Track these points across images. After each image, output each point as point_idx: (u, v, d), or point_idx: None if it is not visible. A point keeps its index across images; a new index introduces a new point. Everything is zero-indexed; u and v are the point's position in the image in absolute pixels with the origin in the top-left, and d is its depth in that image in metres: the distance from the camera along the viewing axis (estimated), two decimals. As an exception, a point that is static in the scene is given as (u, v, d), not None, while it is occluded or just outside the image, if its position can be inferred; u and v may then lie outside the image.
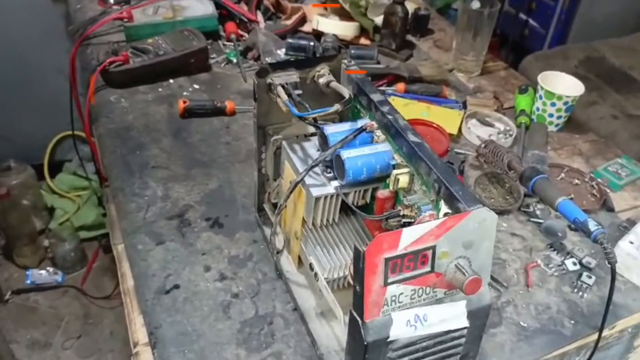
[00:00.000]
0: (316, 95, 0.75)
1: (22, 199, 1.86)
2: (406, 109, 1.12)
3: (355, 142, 0.69)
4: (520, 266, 0.82)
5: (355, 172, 0.66)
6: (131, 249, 0.77)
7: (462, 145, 1.05)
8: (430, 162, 0.61)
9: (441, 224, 0.52)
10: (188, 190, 0.88)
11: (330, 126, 0.71)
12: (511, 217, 0.91)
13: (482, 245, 0.55)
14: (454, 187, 0.57)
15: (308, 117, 0.68)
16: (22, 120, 1.99)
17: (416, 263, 0.52)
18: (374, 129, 0.70)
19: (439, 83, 1.22)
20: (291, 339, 0.68)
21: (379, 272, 0.51)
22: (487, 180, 0.96)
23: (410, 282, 0.53)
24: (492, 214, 0.54)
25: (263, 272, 0.76)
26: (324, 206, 0.70)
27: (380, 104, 0.69)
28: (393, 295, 0.53)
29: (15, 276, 1.82)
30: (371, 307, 0.52)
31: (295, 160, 0.73)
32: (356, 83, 0.74)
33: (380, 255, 0.50)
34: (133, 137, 0.98)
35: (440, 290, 0.55)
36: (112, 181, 0.89)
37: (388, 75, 1.22)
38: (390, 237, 0.50)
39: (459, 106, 1.15)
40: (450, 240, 0.53)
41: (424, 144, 0.63)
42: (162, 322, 0.68)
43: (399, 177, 0.64)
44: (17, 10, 1.82)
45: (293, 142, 0.76)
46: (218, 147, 0.98)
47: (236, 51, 1.25)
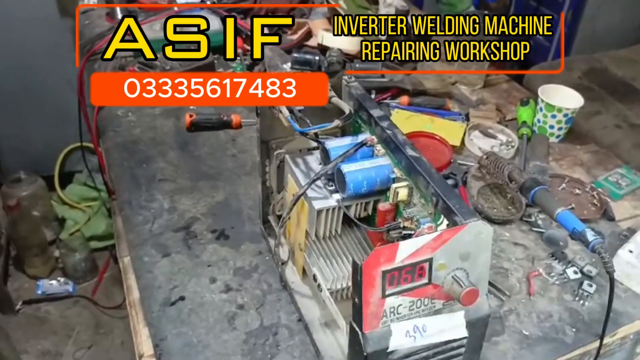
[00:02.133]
0: (318, 111, 0.77)
1: (32, 210, 1.89)
2: (410, 121, 1.14)
3: (356, 156, 0.71)
4: (522, 275, 0.83)
5: (356, 185, 0.68)
6: (137, 261, 0.79)
7: (465, 156, 1.07)
8: (428, 176, 0.62)
9: (437, 237, 0.53)
10: (194, 203, 0.90)
11: (331, 141, 0.72)
12: (513, 227, 0.92)
13: (479, 257, 0.56)
14: (451, 200, 0.59)
15: (309, 132, 0.70)
16: (33, 132, 2.03)
17: (414, 275, 0.54)
18: (374, 143, 0.71)
19: (442, 96, 1.24)
20: (296, 349, 0.70)
21: (376, 285, 0.52)
22: (489, 191, 0.97)
23: (408, 293, 0.54)
24: (487, 226, 0.55)
25: (268, 283, 0.78)
26: (326, 218, 0.71)
27: (380, 119, 0.71)
28: (392, 306, 0.54)
29: (26, 286, 1.85)
30: (370, 319, 0.53)
31: (298, 174, 0.74)
32: (357, 99, 0.75)
33: (378, 268, 0.51)
34: (140, 150, 1.00)
35: (439, 301, 0.57)
36: (119, 194, 0.92)
37: (392, 89, 1.24)
38: (388, 250, 0.52)
39: (462, 118, 1.17)
40: (447, 253, 0.54)
41: (422, 159, 0.65)
42: (168, 333, 0.70)
43: (398, 191, 0.66)
44: (27, 24, 1.86)
45: (296, 156, 0.77)
46: (224, 160, 1.00)
47: (242, 65, 1.27)
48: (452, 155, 1.03)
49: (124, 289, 0.81)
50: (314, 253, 0.74)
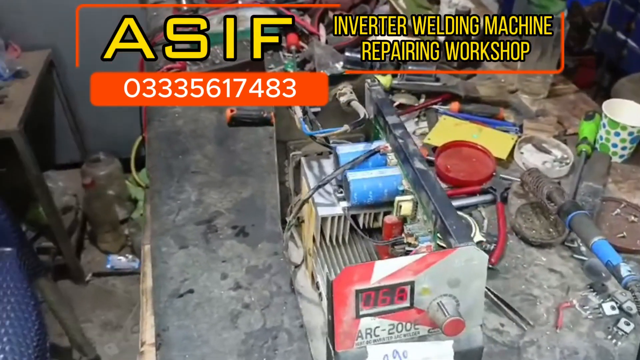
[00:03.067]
0: (338, 113, 0.75)
1: (107, 189, 2.02)
2: (457, 129, 1.08)
3: (368, 164, 0.68)
4: (552, 305, 0.76)
5: (360, 194, 0.65)
6: (155, 250, 0.82)
7: (511, 171, 0.99)
8: (431, 191, 0.58)
9: (420, 260, 0.50)
10: (221, 197, 0.92)
11: (343, 146, 0.70)
12: (552, 252, 0.84)
13: (471, 285, 0.52)
14: (449, 220, 0.55)
15: (318, 135, 0.68)
16: (114, 117, 2.15)
17: (393, 297, 0.51)
18: (388, 151, 0.69)
19: (497, 104, 1.16)
20: (292, 356, 0.69)
21: (349, 304, 0.50)
22: (531, 210, 0.90)
23: (387, 316, 0.51)
24: (480, 253, 0.51)
25: (278, 285, 0.78)
26: (331, 226, 0.70)
27: (394, 126, 0.68)
28: (368, 327, 0.51)
29: (97, 260, 1.98)
30: (343, 338, 0.51)
31: (310, 178, 0.73)
32: (376, 103, 0.73)
33: (351, 287, 0.49)
34: (180, 141, 1.03)
35: (424, 327, 0.53)
36: (152, 183, 0.95)
37: (444, 94, 1.18)
38: (362, 269, 0.49)
39: (515, 130, 1.09)
40: (432, 277, 0.51)
41: (429, 173, 0.61)
42: (170, 325, 0.72)
43: (402, 204, 0.62)
44: (105, 12, 1.96)
45: (312, 159, 0.76)
46: (259, 157, 1.00)
47: (293, 63, 1.27)
48: (494, 168, 0.97)
49: (140, 276, 0.85)
50: (320, 260, 0.72)
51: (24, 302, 1.26)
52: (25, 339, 1.17)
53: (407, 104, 1.16)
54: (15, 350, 1.13)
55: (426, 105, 1.15)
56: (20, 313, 1.23)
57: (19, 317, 1.21)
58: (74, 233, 1.95)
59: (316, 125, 0.71)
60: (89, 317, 1.76)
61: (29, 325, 1.20)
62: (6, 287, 1.28)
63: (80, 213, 2.02)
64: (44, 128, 2.12)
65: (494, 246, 0.82)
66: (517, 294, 0.77)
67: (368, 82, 0.76)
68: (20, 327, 1.19)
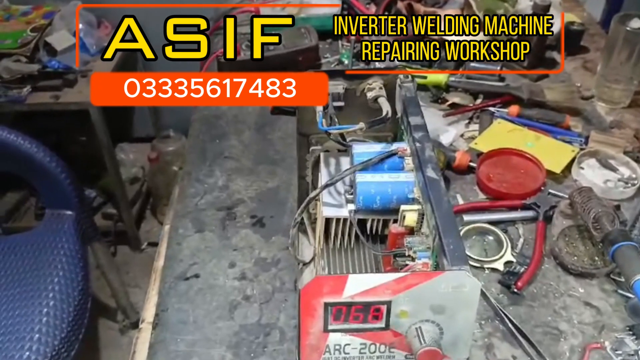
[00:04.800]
0: (365, 109, 0.71)
1: (172, 165, 2.09)
2: (510, 135, 0.99)
3: (383, 166, 0.64)
4: (579, 343, 0.68)
5: (367, 198, 0.61)
6: (173, 231, 0.82)
7: (563, 187, 0.90)
8: (437, 203, 0.53)
9: (400, 279, 0.45)
10: (247, 185, 0.90)
11: (359, 145, 0.66)
12: (593, 283, 0.75)
13: (459, 314, 0.47)
14: (447, 239, 0.49)
15: (333, 132, 0.64)
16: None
17: (367, 315, 0.46)
18: (406, 155, 0.63)
19: (564, 111, 1.05)
20: (280, 356, 0.66)
21: (317, 316, 0.46)
22: (577, 234, 0.81)
23: (359, 334, 0.47)
24: (473, 280, 0.45)
25: (282, 281, 0.75)
26: (336, 228, 0.66)
27: (415, 128, 0.63)
28: (337, 344, 0.48)
29: (154, 230, 2.06)
30: (309, 351, 0.48)
31: (324, 175, 0.70)
32: (403, 101, 0.67)
33: (320, 299, 0.45)
34: (219, 126, 1.03)
35: (400, 352, 0.48)
36: (186, 165, 0.95)
37: (504, 95, 1.09)
38: (333, 281, 0.45)
39: (580, 141, 0.98)
40: (412, 300, 0.46)
41: (439, 183, 0.55)
42: (170, 306, 0.72)
43: (406, 214, 0.57)
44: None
45: (331, 155, 0.72)
46: (292, 147, 0.97)
47: (349, 53, 1.23)
48: (543, 183, 0.87)
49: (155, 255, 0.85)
50: (323, 262, 0.69)
51: (73, 263, 1.33)
52: (69, 298, 1.23)
53: (460, 103, 1.08)
54: (57, 306, 1.20)
55: (481, 107, 1.07)
56: (69, 273, 1.30)
57: (67, 277, 1.28)
58: (137, 203, 2.03)
59: (334, 120, 0.67)
60: (139, 283, 1.83)
61: (74, 285, 1.27)
62: (60, 247, 1.36)
63: (145, 185, 2.11)
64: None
65: (524, 269, 0.74)
66: (539, 326, 0.69)
67: (400, 77, 0.70)
68: (66, 286, 1.25)
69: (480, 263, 0.77)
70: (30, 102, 1.64)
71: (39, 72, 1.68)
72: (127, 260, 1.95)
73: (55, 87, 1.66)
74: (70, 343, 1.16)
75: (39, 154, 1.32)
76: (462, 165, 0.92)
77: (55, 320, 1.16)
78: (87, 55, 1.80)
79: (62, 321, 1.17)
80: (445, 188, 0.55)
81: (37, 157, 1.32)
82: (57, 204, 1.42)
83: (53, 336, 1.13)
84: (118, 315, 1.71)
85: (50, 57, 1.73)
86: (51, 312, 1.19)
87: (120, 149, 2.13)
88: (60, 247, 1.36)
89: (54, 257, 1.33)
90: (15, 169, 1.39)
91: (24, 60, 1.71)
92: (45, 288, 1.22)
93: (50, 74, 1.68)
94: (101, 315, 1.74)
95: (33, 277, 1.26)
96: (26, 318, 1.15)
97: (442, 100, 1.09)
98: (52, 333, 1.13)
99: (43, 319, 1.15)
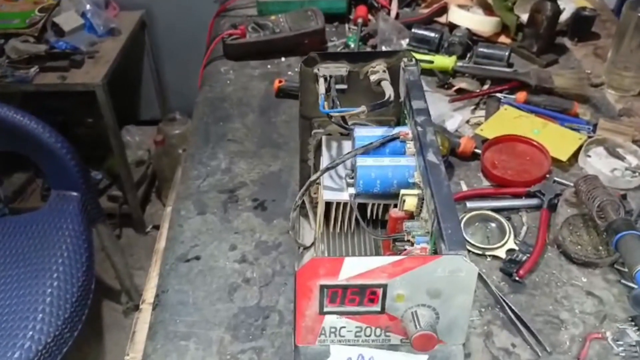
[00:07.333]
0: (368, 93, 0.70)
1: (177, 148, 2.08)
2: (516, 122, 0.98)
3: (384, 150, 0.63)
4: (580, 333, 0.67)
5: (367, 182, 0.60)
6: (175, 213, 0.82)
7: (569, 175, 0.89)
8: (436, 188, 0.52)
9: (397, 263, 0.45)
10: (250, 168, 0.90)
11: (361, 128, 0.65)
12: (597, 273, 0.74)
13: (455, 298, 0.46)
14: (446, 223, 0.49)
15: (334, 114, 0.64)
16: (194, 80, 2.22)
17: (363, 299, 0.46)
18: (408, 138, 0.63)
19: (572, 98, 1.04)
20: (278, 339, 0.66)
21: (313, 298, 0.46)
22: (581, 223, 0.80)
23: (354, 317, 0.47)
24: (470, 265, 0.45)
25: (282, 265, 0.75)
26: (336, 212, 0.65)
27: (418, 112, 0.62)
28: (333, 326, 0.47)
29: (159, 213, 2.06)
30: (304, 333, 0.48)
31: (326, 158, 0.69)
32: (406, 85, 0.66)
33: (315, 280, 0.45)
34: (223, 108, 1.02)
35: (396, 336, 0.48)
36: (189, 146, 0.95)
37: (512, 81, 1.07)
38: (329, 263, 0.45)
39: (588, 129, 0.97)
40: (408, 284, 0.45)
41: (440, 168, 0.55)
42: (170, 287, 0.72)
43: (406, 198, 0.57)
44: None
45: (332, 139, 0.72)
46: (296, 131, 0.97)
47: (356, 37, 1.21)
48: (549, 170, 0.86)
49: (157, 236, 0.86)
50: (323, 246, 0.68)
51: (78, 244, 1.33)
52: (72, 278, 1.24)
53: (467, 89, 1.07)
54: (61, 286, 1.21)
55: (488, 93, 1.05)
56: (73, 254, 1.30)
57: (71, 258, 1.29)
58: (142, 186, 2.04)
59: (336, 103, 0.66)
60: (143, 266, 1.84)
61: (78, 266, 1.28)
62: (65, 229, 1.37)
63: (151, 168, 2.11)
64: (130, 85, 2.22)
65: (527, 257, 0.74)
66: (540, 315, 0.68)
67: (404, 60, 0.69)
68: (70, 267, 1.26)
69: (482, 250, 0.76)
70: (37, 83, 1.64)
71: (47, 52, 1.68)
72: (132, 242, 1.96)
73: (62, 68, 1.66)
74: (73, 324, 1.17)
75: (45, 134, 1.33)
76: (467, 152, 0.91)
77: (59, 301, 1.17)
78: (95, 36, 1.80)
79: (65, 302, 1.17)
80: (445, 173, 0.54)
81: (43, 137, 1.32)
82: (62, 185, 1.42)
83: (57, 316, 1.14)
84: (122, 297, 1.73)
85: (58, 38, 1.73)
86: (55, 293, 1.20)
87: (126, 131, 2.13)
88: (65, 228, 1.37)
89: (59, 238, 1.33)
90: (21, 149, 1.40)
91: (32, 41, 1.71)
92: (50, 268, 1.23)
93: (58, 55, 1.68)
94: (105, 297, 1.76)
95: (38, 257, 1.27)
96: (30, 298, 1.16)
97: (449, 85, 1.08)
98: (55, 313, 1.14)
99: (47, 299, 1.16)
